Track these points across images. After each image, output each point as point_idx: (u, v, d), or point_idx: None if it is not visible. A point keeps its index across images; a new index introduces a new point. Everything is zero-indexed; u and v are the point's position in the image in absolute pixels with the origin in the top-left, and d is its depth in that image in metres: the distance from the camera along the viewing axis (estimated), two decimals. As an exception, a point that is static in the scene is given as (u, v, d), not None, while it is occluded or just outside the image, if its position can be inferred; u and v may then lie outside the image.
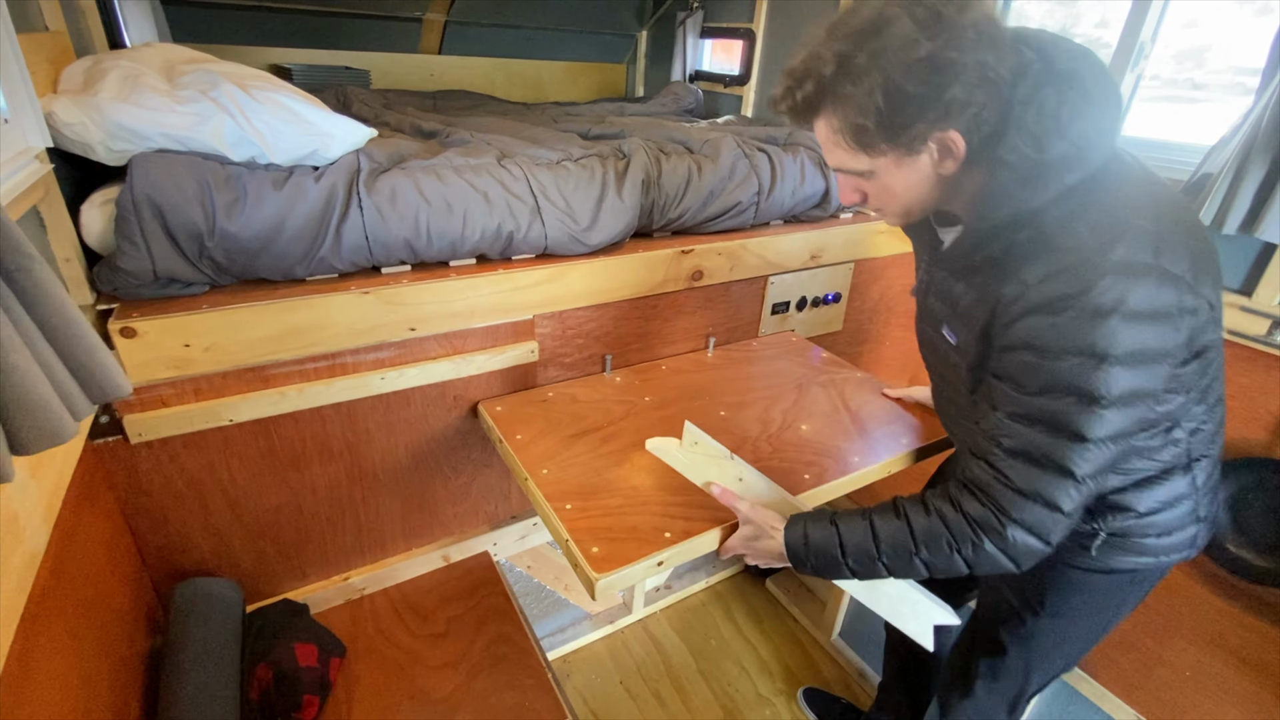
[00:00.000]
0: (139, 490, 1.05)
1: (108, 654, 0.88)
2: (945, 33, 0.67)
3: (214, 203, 0.99)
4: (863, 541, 0.85)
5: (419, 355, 1.20)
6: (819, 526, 0.89)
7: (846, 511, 0.90)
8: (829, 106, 0.75)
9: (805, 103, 0.76)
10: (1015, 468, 0.76)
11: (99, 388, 0.57)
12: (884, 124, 0.72)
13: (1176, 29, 1.50)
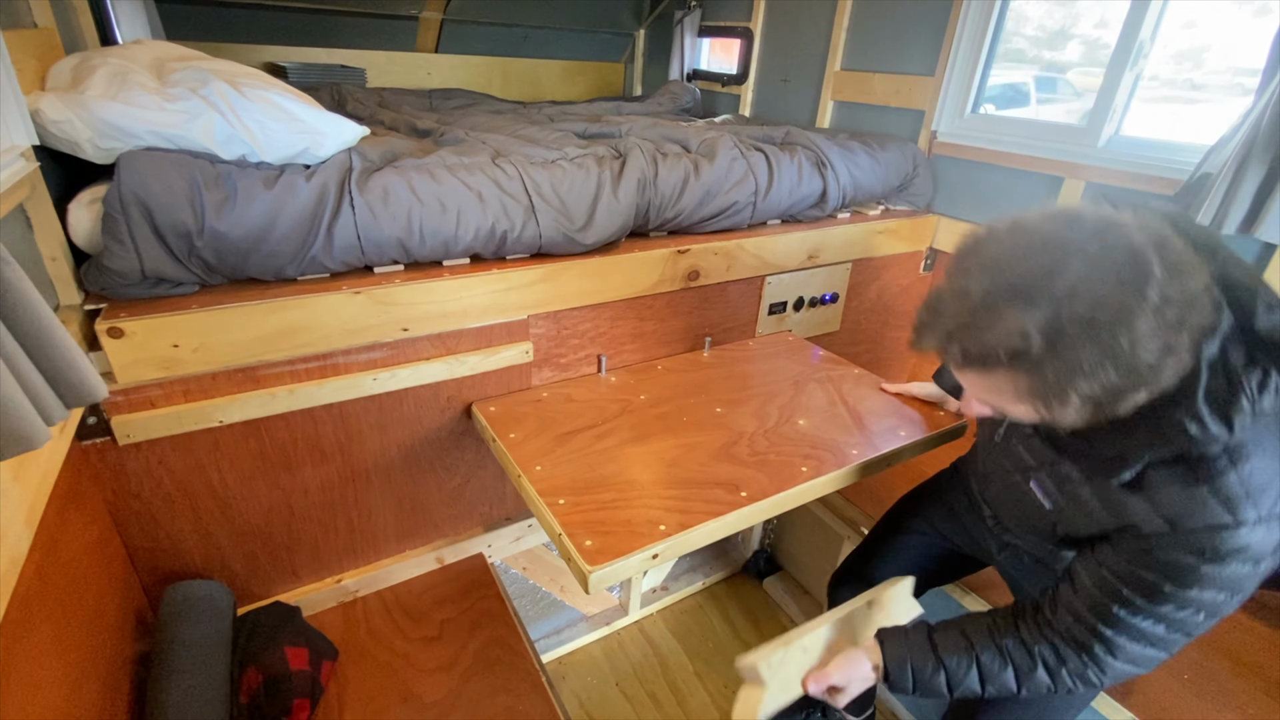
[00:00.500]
0: (128, 492, 1.03)
1: (94, 658, 0.86)
2: (1178, 315, 0.61)
3: (203, 201, 0.98)
4: (970, 682, 0.90)
5: (412, 356, 1.19)
6: (925, 667, 0.91)
7: (945, 639, 0.92)
8: (1019, 373, 0.66)
9: (981, 362, 0.68)
10: (1123, 648, 0.82)
11: (74, 392, 0.56)
12: (1080, 400, 0.66)
13: (1175, 29, 1.49)
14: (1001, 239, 0.68)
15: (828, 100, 2.15)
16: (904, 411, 1.36)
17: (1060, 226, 0.65)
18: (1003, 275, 0.65)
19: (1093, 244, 0.62)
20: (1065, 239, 0.64)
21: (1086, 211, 0.67)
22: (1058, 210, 0.69)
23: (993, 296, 0.65)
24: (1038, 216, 0.68)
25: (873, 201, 1.84)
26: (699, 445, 1.20)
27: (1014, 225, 0.69)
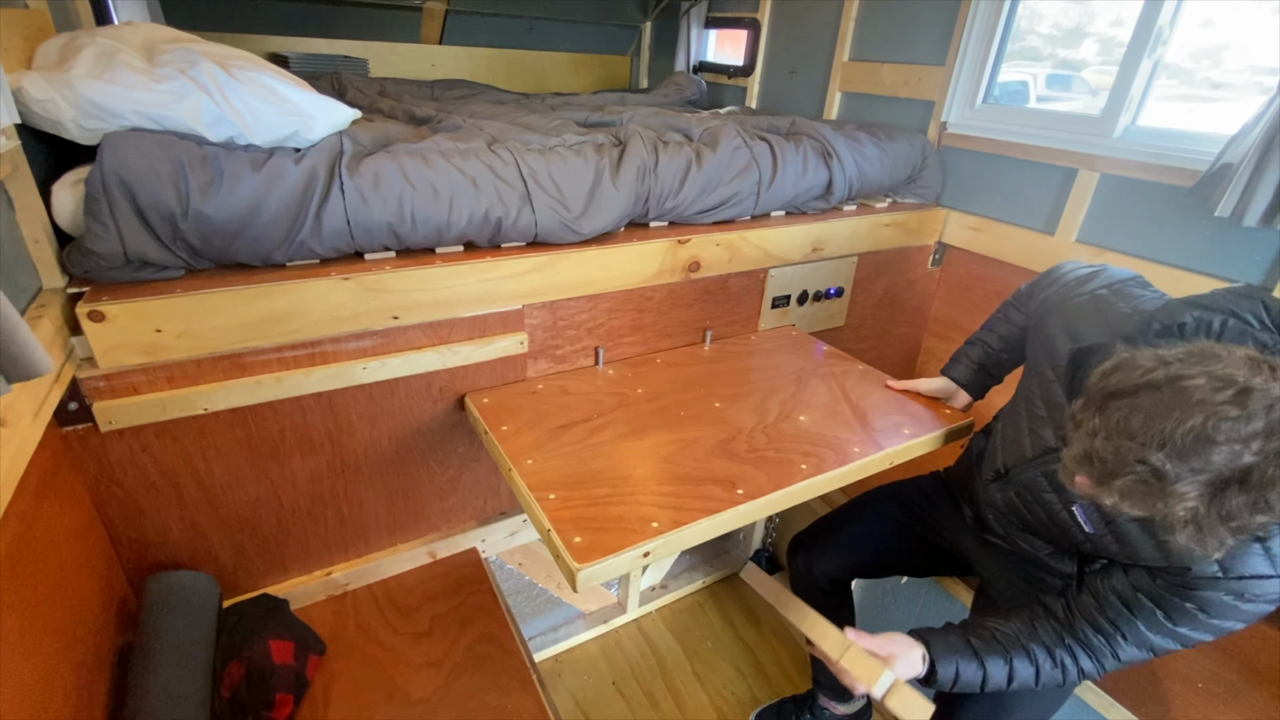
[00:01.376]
0: (111, 480, 1.02)
1: (70, 649, 0.85)
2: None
3: (188, 183, 0.95)
4: (1000, 680, 0.97)
5: (403, 345, 1.17)
6: (968, 667, 0.98)
7: (982, 643, 0.99)
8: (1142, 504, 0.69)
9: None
10: (1131, 656, 0.91)
11: (15, 366, 0.54)
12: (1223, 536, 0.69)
13: (1194, 27, 1.44)
14: (1145, 398, 0.68)
15: (835, 92, 2.11)
16: (909, 409, 1.32)
17: (1203, 392, 0.65)
18: (1164, 446, 0.65)
19: (1238, 412, 0.63)
20: (1211, 406, 0.64)
21: (1215, 367, 0.66)
22: (1188, 364, 0.67)
23: (1161, 468, 0.66)
24: (1170, 373, 0.67)
25: (880, 194, 1.80)
26: (696, 441, 1.17)
27: (1150, 385, 0.68)
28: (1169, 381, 0.67)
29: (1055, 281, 1.11)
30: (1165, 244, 1.42)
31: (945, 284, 1.94)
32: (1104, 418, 0.70)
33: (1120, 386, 0.70)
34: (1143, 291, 0.96)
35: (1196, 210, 1.36)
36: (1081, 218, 1.55)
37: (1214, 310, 0.78)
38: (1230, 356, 0.67)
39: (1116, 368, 0.72)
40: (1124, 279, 1.01)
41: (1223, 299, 0.78)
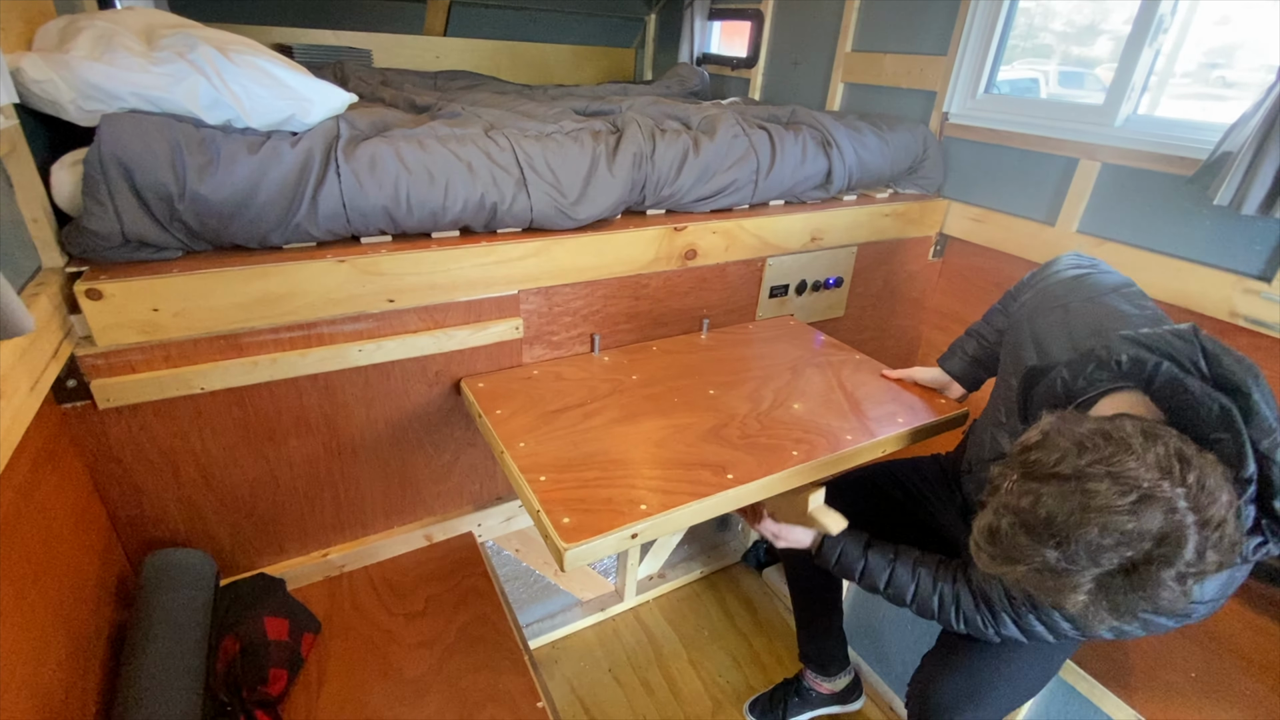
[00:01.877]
0: (110, 458, 1.03)
1: (64, 620, 0.86)
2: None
3: (185, 164, 0.96)
4: (877, 577, 1.10)
5: (398, 328, 1.18)
6: (852, 550, 1.12)
7: (879, 545, 1.12)
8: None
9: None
10: (1031, 626, 0.97)
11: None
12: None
13: (1208, 26, 1.43)
14: (1049, 499, 0.69)
15: (838, 83, 2.10)
16: (904, 398, 1.32)
17: (1104, 498, 0.66)
18: (1060, 546, 0.68)
19: (1134, 520, 0.65)
20: (1108, 512, 0.66)
21: (1128, 469, 0.66)
22: (1096, 466, 0.68)
23: (1054, 564, 0.69)
24: (1078, 468, 0.68)
25: (880, 185, 1.79)
26: (688, 426, 1.17)
27: (1057, 479, 0.69)
28: (1077, 478, 0.68)
29: (1039, 285, 1.09)
30: (1165, 234, 1.41)
31: (946, 275, 1.93)
32: (1015, 498, 0.71)
33: (1034, 469, 0.71)
34: (1122, 305, 0.93)
35: (1196, 200, 1.35)
36: (1082, 208, 1.54)
37: (1152, 352, 0.77)
38: (1144, 456, 0.66)
39: (1037, 445, 0.72)
40: (1107, 289, 0.97)
41: (1163, 342, 0.76)
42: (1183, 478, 0.65)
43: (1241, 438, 0.69)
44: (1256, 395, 0.69)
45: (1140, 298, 0.95)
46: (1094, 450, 0.68)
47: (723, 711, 1.67)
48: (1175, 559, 0.64)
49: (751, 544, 2.13)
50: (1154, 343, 0.77)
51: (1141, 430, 0.69)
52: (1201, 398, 0.72)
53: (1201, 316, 1.36)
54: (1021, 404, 0.96)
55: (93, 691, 0.91)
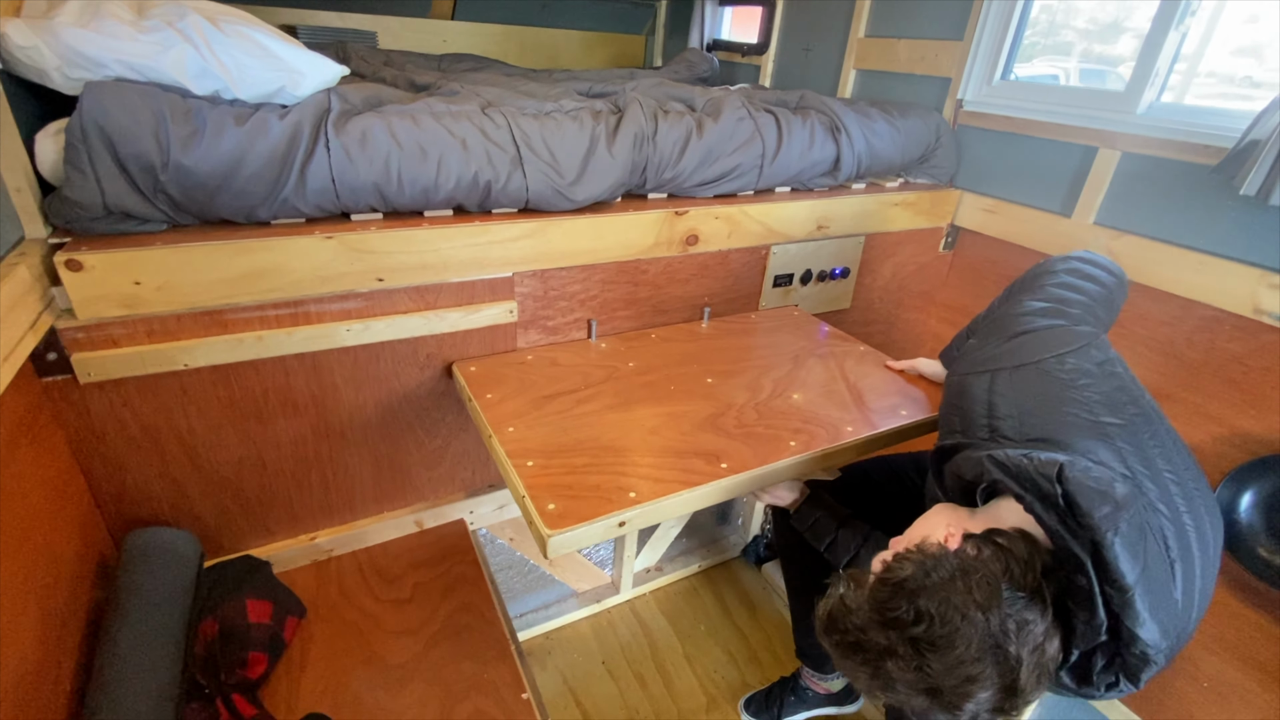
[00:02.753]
0: (92, 434, 1.01)
1: (40, 596, 0.84)
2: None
3: (169, 134, 0.94)
4: (839, 556, 1.13)
5: (388, 308, 1.15)
6: (826, 524, 1.17)
7: (853, 522, 1.16)
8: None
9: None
10: None
11: None
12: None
13: (1236, 25, 1.37)
14: (881, 652, 0.72)
15: (850, 69, 2.05)
16: (908, 390, 1.28)
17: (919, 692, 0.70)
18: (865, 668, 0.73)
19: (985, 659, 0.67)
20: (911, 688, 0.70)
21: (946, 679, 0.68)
22: (948, 645, 0.68)
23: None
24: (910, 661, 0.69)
25: (891, 173, 1.74)
26: (683, 415, 1.14)
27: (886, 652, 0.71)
28: (890, 653, 0.69)
29: (1008, 307, 1.01)
30: (1186, 226, 1.36)
31: (957, 268, 1.88)
32: (860, 619, 0.73)
33: (880, 608, 0.72)
34: (1049, 383, 0.84)
35: (1220, 190, 1.29)
36: (1100, 199, 1.48)
37: (1017, 482, 0.73)
38: (973, 636, 0.66)
39: (894, 586, 0.72)
40: (1050, 352, 0.88)
41: (1026, 476, 0.72)
42: (1001, 654, 0.66)
43: (1093, 590, 0.67)
44: (1112, 552, 0.65)
45: (1095, 357, 0.86)
46: (927, 617, 0.68)
47: (717, 708, 1.64)
48: (935, 713, 0.69)
49: (751, 539, 2.09)
50: (1020, 473, 0.73)
51: (981, 603, 0.67)
52: (1059, 540, 0.70)
53: (1223, 313, 1.31)
54: (936, 473, 0.93)
55: (68, 669, 0.89)
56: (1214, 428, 1.36)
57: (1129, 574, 0.65)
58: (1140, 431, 0.79)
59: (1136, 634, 0.67)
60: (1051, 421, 0.80)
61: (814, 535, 1.18)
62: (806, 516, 1.20)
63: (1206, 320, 1.35)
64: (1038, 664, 0.67)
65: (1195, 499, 0.78)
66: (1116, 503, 0.66)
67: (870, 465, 1.37)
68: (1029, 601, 0.68)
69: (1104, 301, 0.98)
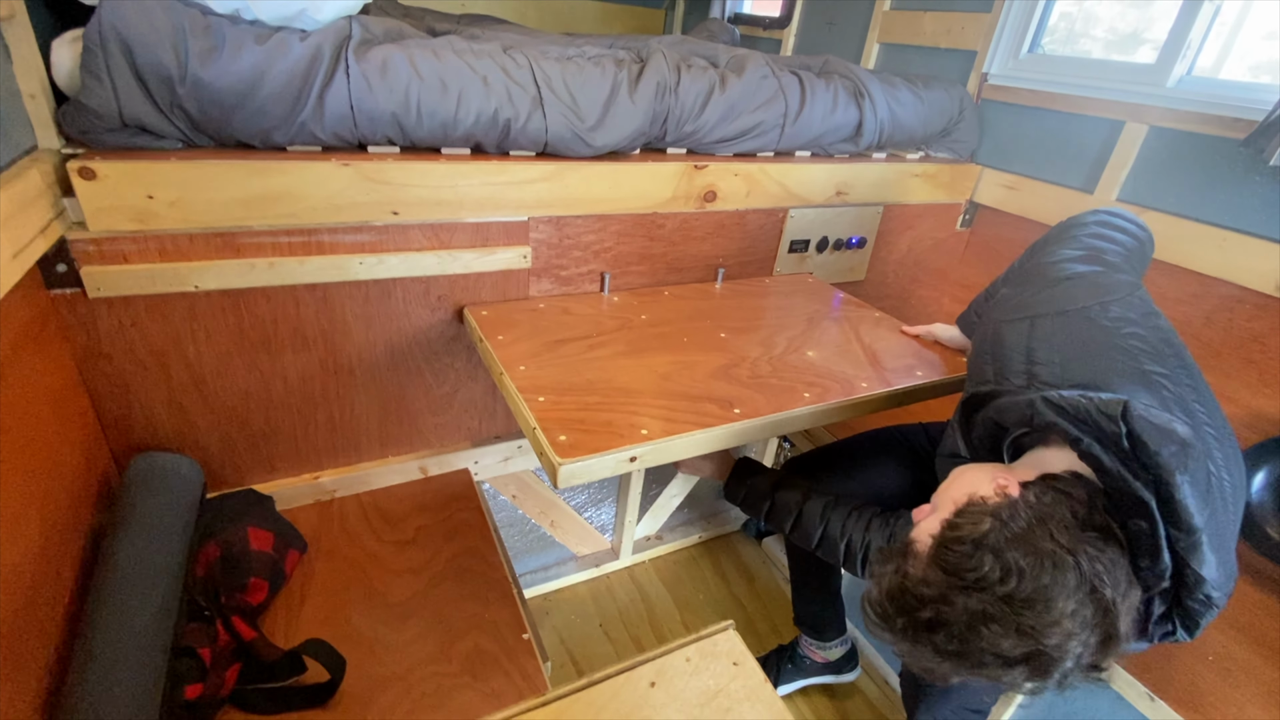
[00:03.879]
0: (98, 352, 1.00)
1: (41, 506, 0.83)
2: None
3: (188, 47, 0.92)
4: (783, 518, 1.11)
5: (401, 244, 1.13)
6: (758, 487, 1.16)
7: (790, 482, 1.14)
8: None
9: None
10: None
11: None
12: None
13: (1267, 8, 1.35)
14: (965, 614, 0.66)
15: (873, 43, 2.02)
16: (923, 354, 1.26)
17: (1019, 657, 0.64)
18: (941, 639, 0.66)
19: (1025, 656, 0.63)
20: (1004, 652, 0.64)
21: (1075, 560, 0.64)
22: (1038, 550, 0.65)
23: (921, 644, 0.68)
24: (1008, 625, 0.64)
25: (912, 146, 1.72)
26: (696, 364, 1.12)
27: (980, 618, 0.66)
28: (976, 615, 0.64)
29: (1041, 257, 0.98)
30: (1212, 203, 1.34)
31: (974, 247, 1.86)
32: (917, 583, 0.68)
33: (948, 565, 0.67)
34: (1094, 330, 0.81)
35: (1248, 165, 1.27)
36: (1124, 174, 1.47)
37: (1075, 424, 0.70)
38: (1070, 583, 0.62)
39: (962, 553, 0.66)
40: (1093, 296, 0.84)
41: (1088, 416, 0.69)
42: (1085, 637, 0.63)
43: (1157, 533, 0.64)
44: (1181, 492, 0.62)
45: (1138, 306, 0.84)
46: (1013, 587, 0.63)
47: (713, 673, 1.63)
48: (1024, 683, 0.65)
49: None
50: (1078, 413, 0.70)
51: (1061, 568, 0.63)
52: (1120, 483, 0.66)
53: (1245, 290, 1.29)
54: (963, 424, 0.91)
55: (67, 583, 0.88)
56: (1229, 407, 1.34)
57: (1198, 515, 0.63)
58: (1182, 383, 0.77)
59: (1202, 576, 0.64)
60: (1096, 368, 0.76)
61: (749, 505, 1.18)
62: (736, 490, 1.19)
63: (1226, 299, 1.33)
64: (1130, 609, 0.64)
65: (1230, 456, 0.76)
66: (1182, 442, 0.64)
67: (879, 432, 1.36)
68: (1106, 541, 0.64)
69: (1137, 253, 0.97)
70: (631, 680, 0.79)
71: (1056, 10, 1.65)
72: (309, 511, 1.24)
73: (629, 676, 0.80)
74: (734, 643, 0.87)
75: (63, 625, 0.85)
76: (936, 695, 1.12)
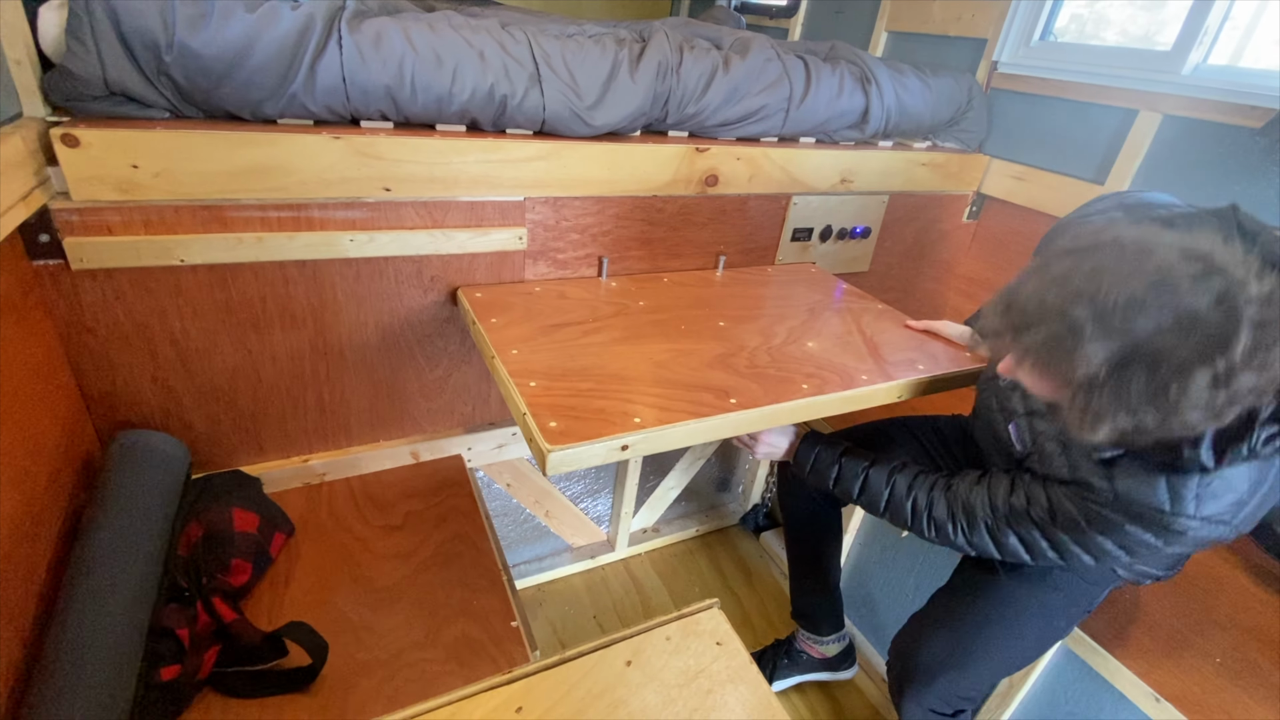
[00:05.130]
0: (82, 326, 0.98)
1: (19, 478, 0.81)
2: (1232, 397, 0.59)
3: (175, 13, 0.90)
4: (850, 483, 1.06)
5: (394, 221, 1.11)
6: (827, 455, 1.10)
7: (855, 452, 1.09)
8: (1076, 392, 0.65)
9: (1044, 373, 0.68)
10: (1004, 542, 0.93)
11: None
12: (1112, 429, 0.65)
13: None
14: (1101, 254, 0.65)
15: (881, 31, 1.99)
16: (928, 347, 1.23)
17: (1166, 257, 0.61)
18: (1094, 300, 0.62)
19: (1189, 287, 0.58)
20: (1166, 271, 0.60)
21: (1199, 242, 0.61)
22: (1165, 232, 0.64)
23: (1080, 323, 0.62)
24: (1142, 234, 0.64)
25: (920, 134, 1.69)
26: (693, 352, 1.10)
27: (1116, 242, 0.65)
28: (1137, 242, 0.62)
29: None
30: (1229, 193, 1.30)
31: (980, 239, 1.82)
32: (1044, 271, 0.66)
33: (1079, 244, 0.65)
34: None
35: (1264, 154, 1.23)
36: (1137, 165, 1.43)
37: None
38: (1227, 244, 0.60)
39: (1084, 231, 0.66)
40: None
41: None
42: (1260, 277, 0.58)
43: None
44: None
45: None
46: (1165, 230, 0.62)
47: (708, 668, 1.61)
48: (1216, 356, 0.57)
49: (751, 507, 2.06)
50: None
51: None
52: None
53: (1259, 285, 1.26)
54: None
55: (42, 560, 0.86)
56: (1241, 405, 1.31)
57: None
58: None
59: None
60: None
61: (816, 474, 1.12)
62: (805, 457, 1.13)
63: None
64: (1275, 338, 0.57)
65: None
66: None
67: (885, 424, 1.33)
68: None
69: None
70: (606, 659, 0.77)
71: (1067, 12, 1.62)
72: (297, 495, 1.22)
73: (604, 654, 0.77)
74: (718, 621, 0.84)
75: (36, 603, 0.83)
76: (924, 684, 1.10)
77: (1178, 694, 1.02)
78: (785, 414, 0.99)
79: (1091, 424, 0.65)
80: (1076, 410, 0.65)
